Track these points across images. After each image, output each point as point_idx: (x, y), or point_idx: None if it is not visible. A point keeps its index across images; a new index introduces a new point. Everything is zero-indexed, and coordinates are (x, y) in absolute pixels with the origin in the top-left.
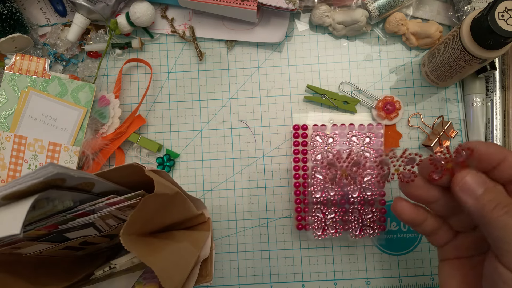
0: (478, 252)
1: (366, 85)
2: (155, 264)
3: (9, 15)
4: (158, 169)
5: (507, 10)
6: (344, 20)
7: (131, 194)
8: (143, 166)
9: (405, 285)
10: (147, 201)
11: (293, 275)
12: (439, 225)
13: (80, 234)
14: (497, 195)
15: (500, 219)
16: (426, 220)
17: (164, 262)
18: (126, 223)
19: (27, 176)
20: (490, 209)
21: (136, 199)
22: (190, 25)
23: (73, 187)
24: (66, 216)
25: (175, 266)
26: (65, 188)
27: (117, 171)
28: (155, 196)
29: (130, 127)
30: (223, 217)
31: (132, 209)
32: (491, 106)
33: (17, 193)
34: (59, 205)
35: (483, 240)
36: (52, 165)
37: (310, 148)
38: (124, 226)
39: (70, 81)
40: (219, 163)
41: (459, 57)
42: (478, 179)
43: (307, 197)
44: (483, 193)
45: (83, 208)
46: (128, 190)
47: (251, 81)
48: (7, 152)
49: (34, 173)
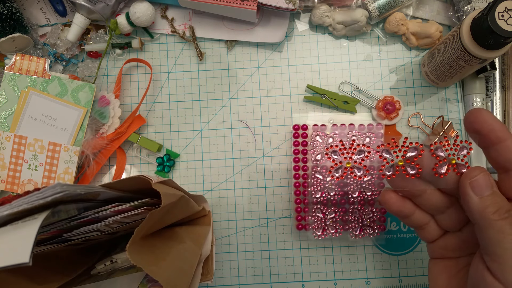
0: (465, 254)
1: (366, 85)
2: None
3: (9, 15)
4: (164, 178)
5: (507, 10)
6: (344, 20)
7: (137, 203)
8: (150, 178)
9: (405, 285)
10: (154, 214)
11: (293, 275)
12: (427, 220)
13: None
14: (502, 200)
15: (499, 222)
16: (413, 214)
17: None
18: (133, 237)
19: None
20: (492, 211)
21: (141, 208)
22: (190, 25)
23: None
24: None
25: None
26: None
27: (124, 183)
28: (161, 208)
29: (130, 127)
30: (223, 217)
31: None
32: (491, 106)
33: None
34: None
35: (469, 242)
36: (59, 185)
37: (310, 148)
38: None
39: (70, 81)
40: (219, 163)
41: (459, 57)
42: (489, 181)
43: (307, 197)
44: (490, 194)
45: (88, 216)
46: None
47: (251, 81)
48: (7, 152)
49: (41, 193)
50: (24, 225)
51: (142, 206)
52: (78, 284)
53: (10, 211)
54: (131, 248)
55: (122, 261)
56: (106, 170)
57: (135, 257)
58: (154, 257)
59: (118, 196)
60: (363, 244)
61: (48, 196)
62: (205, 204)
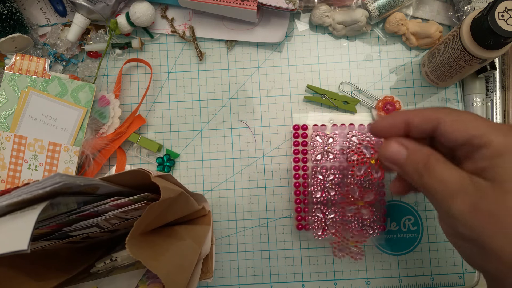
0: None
1: (366, 85)
2: (160, 269)
3: (9, 15)
4: (163, 173)
5: (507, 10)
6: (344, 20)
7: (136, 197)
8: (149, 172)
9: (405, 285)
10: (153, 207)
11: (293, 275)
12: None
13: (82, 232)
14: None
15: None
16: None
17: (168, 265)
18: (132, 230)
19: (33, 186)
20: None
21: (141, 202)
22: (190, 25)
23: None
24: (70, 216)
25: (179, 269)
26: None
27: (123, 176)
28: (160, 202)
29: (130, 127)
30: (223, 217)
31: (136, 211)
32: (491, 106)
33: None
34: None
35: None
36: (58, 175)
37: (310, 148)
38: (130, 234)
39: (70, 81)
40: (219, 163)
41: (459, 57)
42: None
43: (307, 197)
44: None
45: (87, 209)
46: (132, 191)
47: (251, 81)
48: (7, 152)
49: (41, 183)
50: (23, 214)
51: (141, 200)
52: (78, 282)
53: (10, 201)
54: (130, 242)
55: (121, 259)
56: (106, 170)
57: (134, 251)
58: (153, 252)
59: (118, 190)
60: (363, 244)
61: (47, 186)
62: (205, 203)
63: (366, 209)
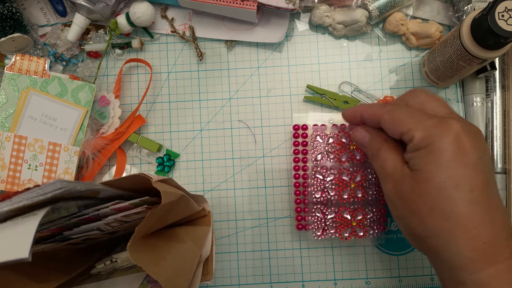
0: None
1: (366, 85)
2: (161, 274)
3: (9, 15)
4: (164, 177)
5: (507, 10)
6: (344, 20)
7: (137, 200)
8: (150, 176)
9: (405, 285)
10: (154, 212)
11: (293, 275)
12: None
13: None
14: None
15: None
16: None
17: (169, 270)
18: (133, 236)
19: (34, 192)
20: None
21: (142, 206)
22: (190, 25)
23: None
24: (70, 220)
25: (179, 272)
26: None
27: (124, 180)
28: (161, 206)
29: (130, 127)
30: (223, 217)
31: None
32: (491, 106)
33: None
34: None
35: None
36: (59, 181)
37: (310, 148)
38: (131, 240)
39: (70, 81)
40: (219, 163)
41: (459, 57)
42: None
43: (307, 197)
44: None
45: (88, 213)
46: (133, 194)
47: (251, 81)
48: (7, 152)
49: (41, 189)
50: (24, 221)
51: (142, 204)
52: (78, 284)
53: (10, 207)
54: (131, 247)
55: (122, 260)
56: (106, 170)
57: (135, 256)
58: (154, 256)
59: (118, 194)
60: (363, 244)
61: (48, 192)
62: (205, 204)
63: (360, 190)
